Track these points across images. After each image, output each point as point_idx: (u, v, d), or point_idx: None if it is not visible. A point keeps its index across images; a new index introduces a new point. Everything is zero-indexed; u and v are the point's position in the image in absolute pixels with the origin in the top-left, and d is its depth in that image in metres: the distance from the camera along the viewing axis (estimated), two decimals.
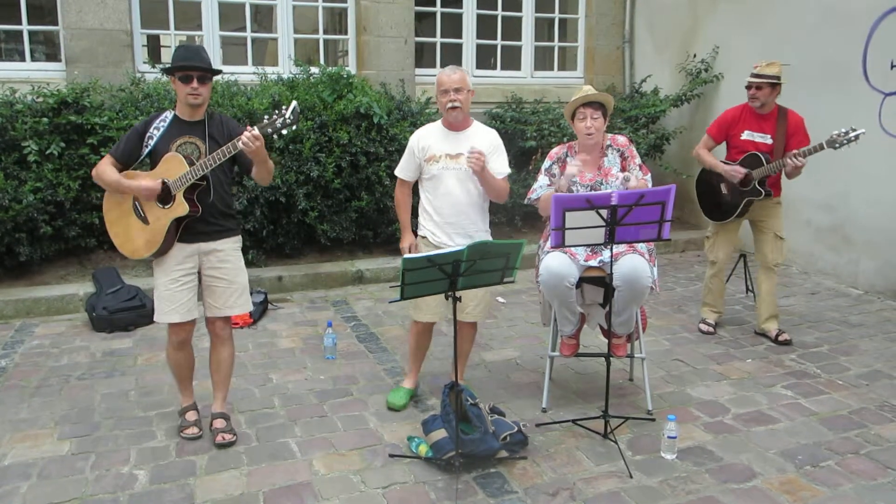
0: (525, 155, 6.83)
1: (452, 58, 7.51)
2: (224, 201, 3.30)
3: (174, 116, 3.24)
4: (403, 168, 3.75)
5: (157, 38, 7.51)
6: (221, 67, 6.45)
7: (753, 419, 3.58)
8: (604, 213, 3.12)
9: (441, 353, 4.23)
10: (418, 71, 7.20)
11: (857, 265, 5.75)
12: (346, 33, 7.24)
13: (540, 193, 3.75)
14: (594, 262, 3.55)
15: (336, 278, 5.88)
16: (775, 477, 3.06)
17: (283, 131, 3.11)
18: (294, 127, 3.14)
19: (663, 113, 7.21)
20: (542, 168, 3.83)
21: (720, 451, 3.28)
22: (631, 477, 3.05)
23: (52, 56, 6.54)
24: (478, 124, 3.70)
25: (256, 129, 3.04)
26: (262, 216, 5.70)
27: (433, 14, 7.45)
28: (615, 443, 3.28)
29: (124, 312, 4.87)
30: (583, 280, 3.58)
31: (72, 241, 5.49)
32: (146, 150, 3.21)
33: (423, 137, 3.65)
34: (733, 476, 3.07)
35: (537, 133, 6.66)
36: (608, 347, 3.52)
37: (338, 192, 5.89)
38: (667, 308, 5.35)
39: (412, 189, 3.80)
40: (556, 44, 8.10)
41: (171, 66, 3.17)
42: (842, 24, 5.67)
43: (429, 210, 3.65)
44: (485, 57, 7.82)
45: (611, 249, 3.31)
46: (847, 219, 5.80)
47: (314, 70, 6.26)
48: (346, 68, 6.37)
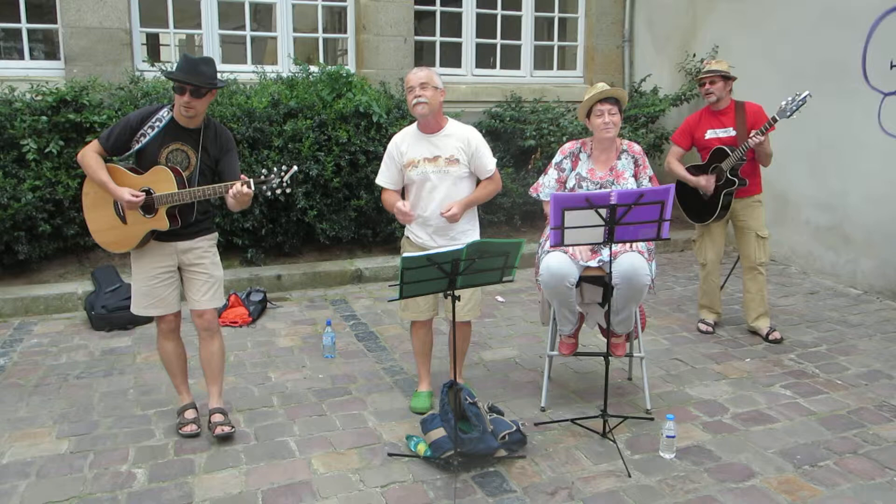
0: (524, 154, 6.83)
1: (452, 57, 7.54)
2: (202, 208, 3.32)
3: (171, 118, 3.21)
4: (384, 176, 3.65)
5: (156, 36, 7.50)
6: (222, 70, 6.49)
7: (752, 419, 3.58)
8: (603, 212, 3.12)
9: (439, 353, 4.23)
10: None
11: (856, 265, 5.75)
12: (345, 32, 7.23)
13: (548, 192, 3.73)
14: (594, 262, 3.55)
15: (335, 277, 5.88)
16: (774, 476, 3.06)
17: (277, 191, 3.13)
18: (289, 191, 3.15)
19: (662, 112, 7.21)
20: (553, 162, 3.82)
21: (719, 450, 3.28)
22: (629, 476, 3.05)
23: (51, 54, 6.53)
24: (454, 123, 3.60)
25: (252, 182, 3.04)
26: (260, 215, 5.70)
27: (433, 13, 7.44)
28: (614, 442, 3.28)
29: (123, 311, 4.85)
30: (582, 279, 3.57)
31: (70, 239, 5.49)
32: (135, 147, 3.19)
33: (400, 143, 3.58)
34: (732, 475, 3.07)
35: (536, 132, 6.66)
36: (607, 347, 3.53)
37: (337, 191, 5.89)
38: (666, 307, 5.35)
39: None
40: (555, 43, 8.09)
41: (169, 73, 3.19)
42: (841, 24, 5.67)
43: (414, 213, 3.59)
44: (484, 56, 7.82)
45: (609, 249, 3.31)
46: (846, 218, 5.80)
47: (313, 69, 6.26)
48: (346, 67, 6.36)
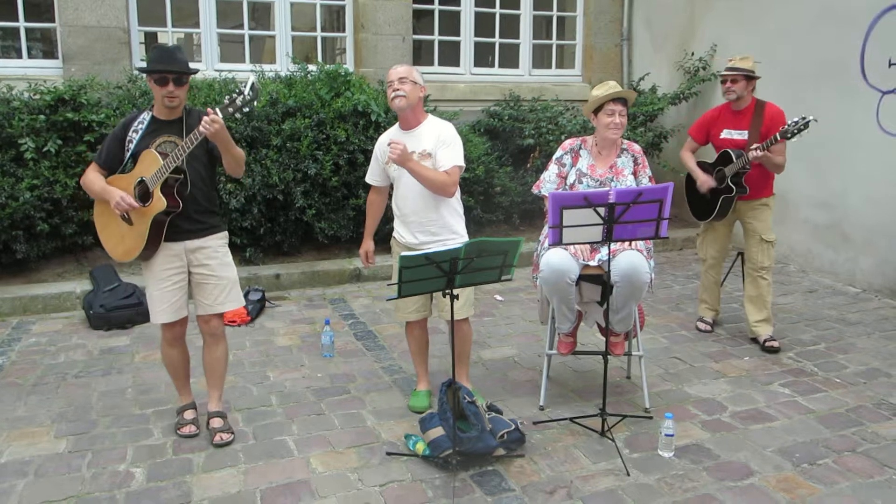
0: (523, 153, 6.83)
1: (450, 56, 7.53)
2: (207, 197, 3.29)
3: (152, 117, 3.22)
4: (371, 173, 3.78)
5: (154, 35, 7.49)
6: (221, 69, 6.50)
7: (751, 417, 3.58)
8: (601, 210, 3.12)
9: (438, 352, 4.23)
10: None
11: (855, 263, 5.75)
12: (343, 31, 7.23)
13: (549, 187, 3.73)
14: (593, 261, 3.55)
15: (334, 276, 5.88)
16: (772, 475, 3.06)
17: (245, 109, 3.05)
18: (255, 103, 3.09)
19: (661, 111, 7.21)
20: (554, 158, 3.82)
21: (717, 448, 3.28)
22: (628, 475, 3.05)
23: (50, 53, 6.53)
24: (433, 119, 3.64)
25: (217, 110, 2.99)
26: (259, 214, 5.70)
27: (431, 12, 7.44)
28: (612, 441, 3.28)
29: (121, 310, 4.86)
30: (581, 278, 3.57)
31: (69, 238, 5.49)
32: (128, 154, 3.20)
33: (383, 141, 3.65)
34: (730, 474, 3.07)
35: (535, 131, 6.66)
36: (606, 345, 3.53)
37: (335, 190, 5.88)
38: (664, 306, 5.35)
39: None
40: (554, 42, 8.09)
41: (146, 67, 3.15)
42: (840, 22, 5.67)
43: (394, 210, 3.67)
44: (483, 55, 7.82)
45: (608, 247, 3.31)
46: (845, 217, 5.81)
47: (312, 68, 6.25)
48: (344, 66, 6.36)
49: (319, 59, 6.95)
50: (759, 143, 4.28)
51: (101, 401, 3.75)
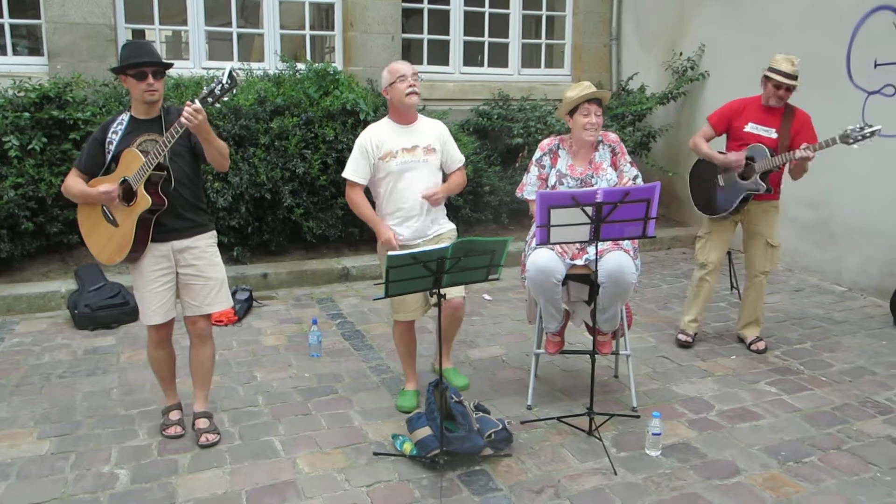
0: (511, 152, 6.83)
1: (439, 55, 7.52)
2: (193, 195, 3.25)
3: (130, 117, 3.18)
4: (356, 170, 3.60)
5: (141, 32, 7.42)
6: (209, 67, 6.46)
7: (737, 416, 3.59)
8: (589, 210, 3.12)
9: (426, 351, 4.22)
10: None
11: (841, 262, 5.79)
12: (332, 29, 7.20)
13: (531, 190, 3.73)
14: (580, 260, 3.55)
15: (322, 275, 5.85)
16: (759, 473, 3.07)
17: (224, 97, 3.02)
18: (234, 91, 3.08)
19: (650, 111, 7.22)
20: (533, 159, 3.82)
21: (704, 447, 3.29)
22: (615, 474, 3.05)
23: (35, 50, 6.46)
24: (422, 117, 3.72)
25: (196, 101, 2.95)
26: (247, 213, 5.66)
27: (420, 10, 7.42)
28: (600, 440, 3.28)
29: (107, 310, 4.82)
30: (568, 277, 3.57)
31: (54, 237, 5.44)
32: (109, 157, 3.16)
33: (375, 136, 3.59)
34: (717, 472, 3.08)
35: (524, 130, 6.66)
36: (593, 345, 3.53)
37: (324, 189, 5.86)
38: (652, 305, 5.36)
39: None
40: (543, 41, 8.09)
41: (122, 64, 3.09)
42: (827, 22, 5.70)
43: (387, 209, 3.62)
44: (472, 54, 7.81)
45: (595, 247, 3.31)
46: (831, 216, 5.84)
47: (300, 66, 6.22)
48: (333, 64, 6.33)
49: (308, 57, 6.91)
50: (788, 145, 4.14)
51: (86, 401, 3.72)
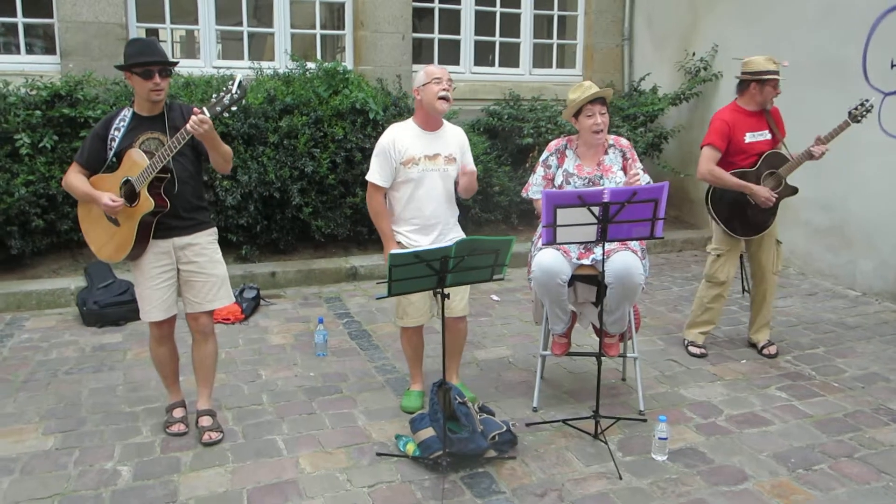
0: (522, 152, 6.79)
1: (450, 54, 7.50)
2: (195, 193, 3.25)
3: (133, 114, 3.16)
4: (379, 173, 3.47)
5: (153, 31, 7.46)
6: (220, 66, 6.47)
7: (746, 421, 3.54)
8: (596, 210, 3.08)
9: (432, 352, 4.20)
10: (415, 67, 7.15)
11: (855, 266, 5.70)
12: (343, 28, 7.20)
13: (537, 190, 3.70)
14: (586, 260, 3.51)
15: (330, 275, 5.84)
16: (767, 480, 3.02)
17: (233, 108, 3.00)
18: (242, 101, 3.05)
19: (662, 111, 7.16)
20: (540, 160, 3.79)
21: (712, 452, 3.23)
22: (620, 478, 3.01)
23: (48, 49, 6.51)
24: (446, 123, 3.62)
25: (205, 109, 2.94)
26: (255, 211, 5.67)
27: (431, 10, 7.40)
28: (605, 443, 3.24)
29: (115, 307, 4.83)
30: (575, 278, 3.54)
31: (64, 234, 5.47)
32: (111, 153, 3.15)
33: (399, 139, 3.46)
34: (724, 478, 3.03)
35: (534, 130, 6.62)
36: (599, 346, 3.48)
37: (332, 188, 5.86)
38: (662, 307, 5.30)
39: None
40: (554, 41, 8.05)
41: (128, 62, 3.06)
42: (842, 23, 5.63)
43: (404, 215, 3.54)
44: (483, 54, 7.78)
45: (602, 247, 3.27)
46: (845, 219, 5.76)
47: (310, 65, 6.22)
48: (343, 64, 6.33)
49: (319, 56, 6.92)
50: (780, 141, 4.19)
51: (91, 398, 3.72)
